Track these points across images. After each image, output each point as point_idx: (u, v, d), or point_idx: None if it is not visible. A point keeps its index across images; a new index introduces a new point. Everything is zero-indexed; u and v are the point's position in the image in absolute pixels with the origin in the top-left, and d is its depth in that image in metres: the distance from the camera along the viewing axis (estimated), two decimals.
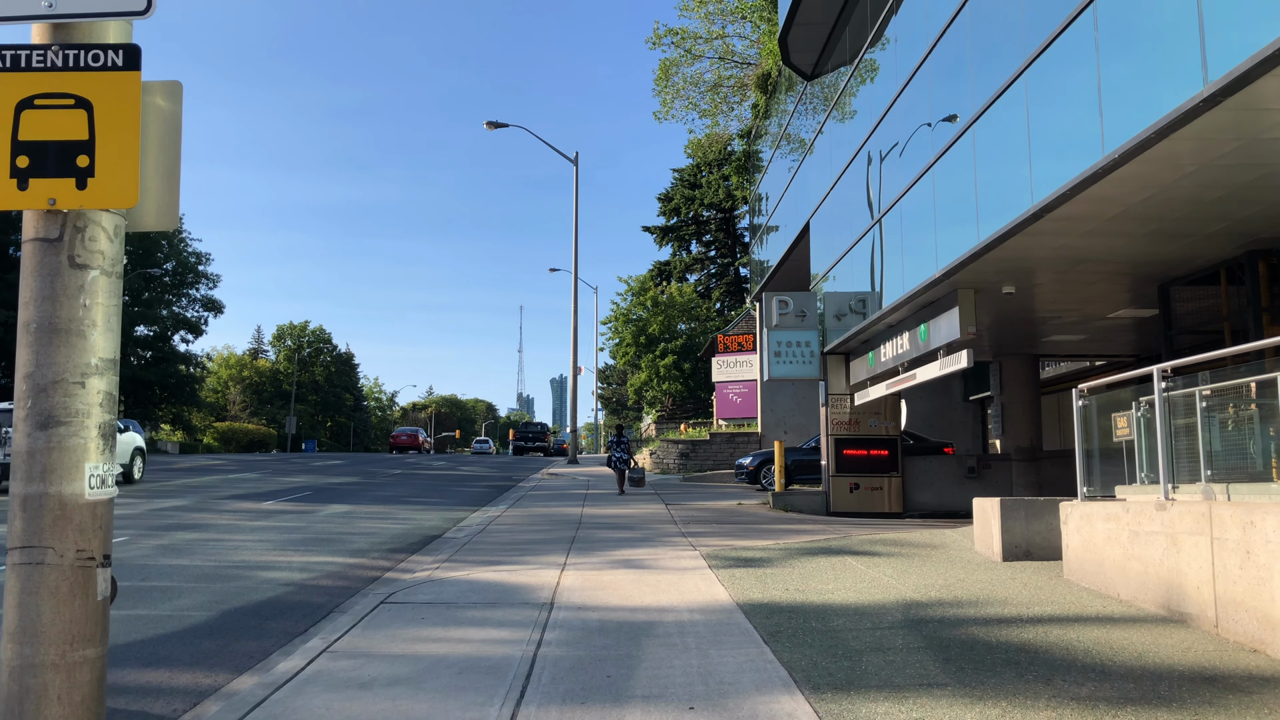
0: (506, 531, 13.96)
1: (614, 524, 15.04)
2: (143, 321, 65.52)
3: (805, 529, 14.35)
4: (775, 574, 9.60)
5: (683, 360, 40.95)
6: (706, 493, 22.10)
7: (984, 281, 12.25)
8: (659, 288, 43.74)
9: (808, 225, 19.89)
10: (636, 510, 17.51)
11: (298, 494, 20.21)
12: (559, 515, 16.49)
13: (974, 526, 11.12)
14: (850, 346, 17.84)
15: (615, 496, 21.20)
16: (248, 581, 9.75)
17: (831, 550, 11.30)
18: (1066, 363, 21.73)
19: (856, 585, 8.94)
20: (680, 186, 46.87)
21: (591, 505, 18.65)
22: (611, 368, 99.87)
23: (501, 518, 15.96)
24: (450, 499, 20.29)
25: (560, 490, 23.21)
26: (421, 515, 16.57)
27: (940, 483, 18.45)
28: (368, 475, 27.49)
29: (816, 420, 27.23)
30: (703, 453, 27.68)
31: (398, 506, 18.15)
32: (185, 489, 20.88)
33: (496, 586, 9.00)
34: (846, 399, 18.32)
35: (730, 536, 13.25)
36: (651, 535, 13.42)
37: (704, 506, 18.27)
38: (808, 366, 18.32)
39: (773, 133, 25.87)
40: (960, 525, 14.45)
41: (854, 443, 18.18)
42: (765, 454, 22.94)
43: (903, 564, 10.19)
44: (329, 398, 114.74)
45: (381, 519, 15.84)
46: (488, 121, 34.41)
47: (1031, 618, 7.34)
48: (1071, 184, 8.43)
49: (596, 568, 10.21)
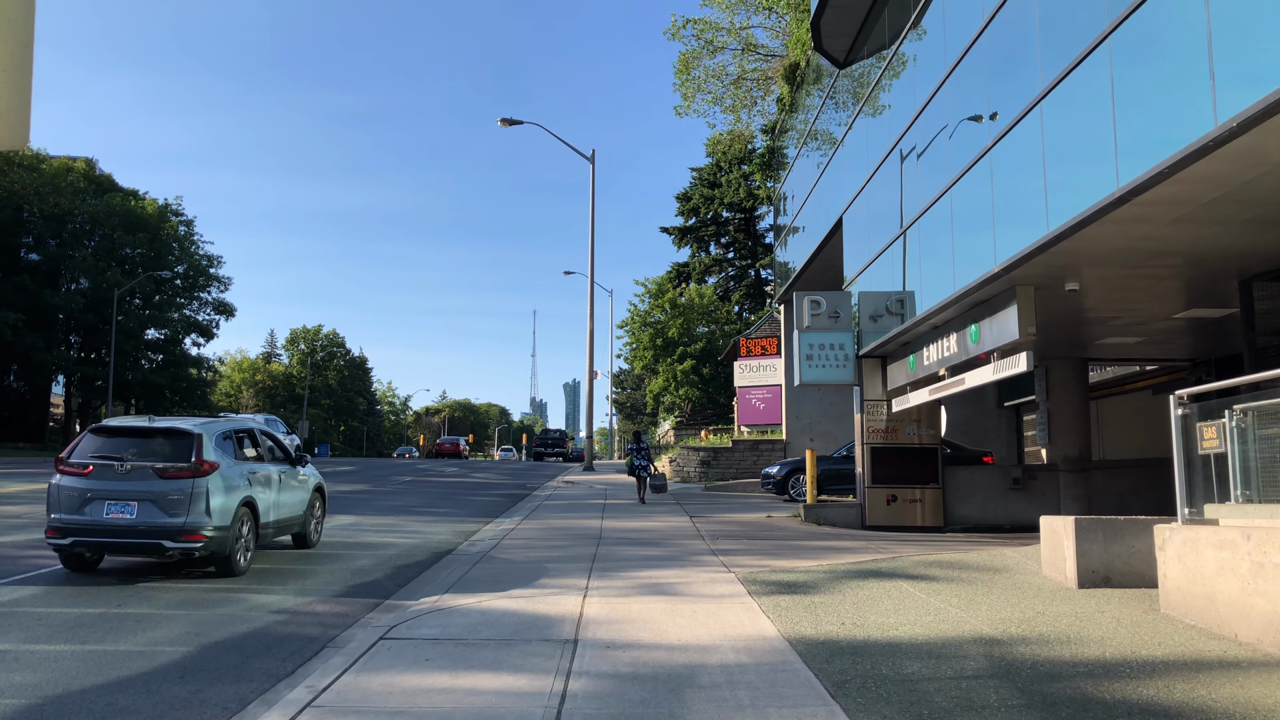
0: (521, 548, 12.93)
1: (637, 539, 13.99)
2: (153, 324, 64.86)
3: (845, 546, 13.26)
4: (825, 603, 8.52)
5: (702, 364, 39.74)
6: (731, 504, 21.01)
7: (1047, 278, 11.15)
8: (677, 290, 42.53)
9: (840, 221, 18.81)
10: (659, 524, 16.46)
11: None
12: (577, 529, 15.45)
13: (1041, 547, 10.01)
14: (888, 349, 16.74)
15: (635, 507, 20.14)
16: (234, 608, 8.74)
17: (882, 573, 10.21)
18: (1112, 367, 20.57)
19: (921, 618, 7.84)
20: (699, 186, 45.61)
21: (611, 517, 17.61)
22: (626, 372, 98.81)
23: (516, 531, 14.93)
24: (462, 509, 19.28)
25: (577, 500, 22.17)
26: (431, 528, 15.57)
27: (982, 495, 17.31)
28: (377, 482, 26.52)
29: (844, 427, 26.11)
30: (725, 461, 26.59)
31: (406, 517, 17.15)
32: None
33: (512, 618, 7.96)
34: (883, 405, 17.21)
35: (765, 555, 12.17)
36: (679, 553, 12.35)
37: (731, 520, 17.20)
38: (841, 370, 17.22)
39: (799, 129, 24.81)
40: (1015, 543, 13.33)
41: (891, 452, 17.07)
42: (793, 463, 21.86)
43: (966, 591, 9.09)
44: (342, 402, 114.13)
45: (388, 532, 14.83)
46: (502, 119, 33.48)
47: (1142, 665, 6.24)
48: (1170, 161, 7.33)
49: (622, 593, 9.16)
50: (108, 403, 57.02)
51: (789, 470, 21.60)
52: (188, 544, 9.86)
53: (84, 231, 62.12)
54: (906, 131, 14.55)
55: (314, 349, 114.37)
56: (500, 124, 33.47)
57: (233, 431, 11.23)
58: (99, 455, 10.22)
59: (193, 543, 9.89)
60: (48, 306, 56.65)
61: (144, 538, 9.86)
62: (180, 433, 10.39)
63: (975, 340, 12.90)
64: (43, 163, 59.32)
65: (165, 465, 10.08)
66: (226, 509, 10.25)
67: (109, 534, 9.90)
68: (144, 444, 10.37)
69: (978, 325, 12.79)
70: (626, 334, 42.85)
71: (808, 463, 17.58)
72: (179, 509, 9.91)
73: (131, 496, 9.94)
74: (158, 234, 64.07)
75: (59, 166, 61.04)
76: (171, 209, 68.45)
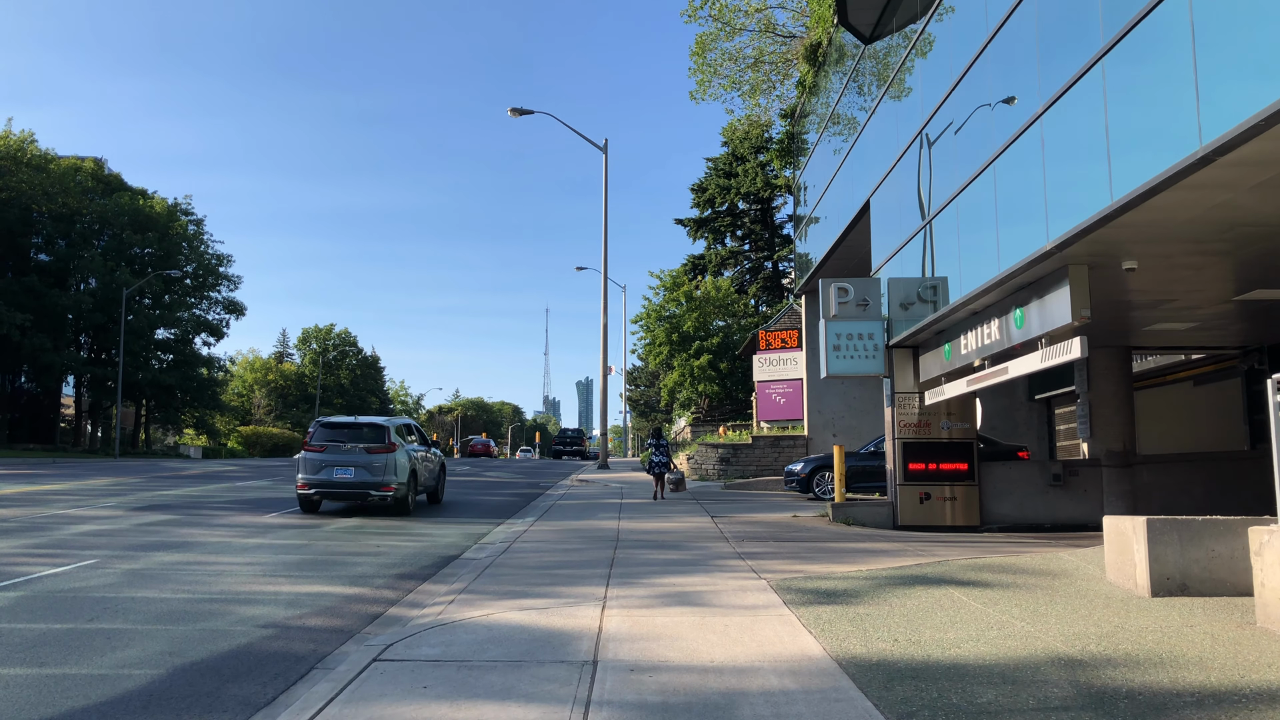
0: (534, 551, 12.10)
1: (657, 542, 13.13)
2: (163, 324, 64.40)
3: (880, 549, 12.36)
4: (872, 615, 7.64)
5: (719, 359, 38.65)
6: (753, 503, 20.12)
7: (1104, 256, 10.23)
8: (693, 282, 41.39)
9: (867, 205, 17.91)
10: (680, 524, 15.59)
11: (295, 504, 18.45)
12: (594, 530, 14.61)
13: (1106, 550, 9.09)
14: (920, 339, 15.82)
15: (653, 506, 19.29)
16: (220, 621, 7.93)
17: (929, 580, 9.31)
18: (1153, 357, 19.58)
19: (983, 632, 6.96)
20: (715, 176, 44.42)
21: (629, 517, 16.76)
22: (640, 369, 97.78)
23: (528, 534, 14.10)
24: (472, 510, 18.47)
25: (592, 500, 21.33)
26: (439, 530, 14.75)
27: (1020, 492, 16.36)
28: None
29: (868, 421, 25.20)
30: (745, 457, 25.68)
31: (413, 519, 16.34)
32: (185, 500, 19.22)
33: (522, 633, 7.11)
34: (915, 398, 16.29)
35: (796, 559, 11.30)
36: (702, 557, 11.49)
37: (755, 520, 16.32)
38: (870, 361, 16.31)
39: (819, 113, 23.90)
40: (1065, 545, 12.41)
41: (924, 447, 16.15)
42: (818, 459, 20.95)
43: (1027, 600, 8.19)
44: (354, 400, 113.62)
45: (394, 534, 14.03)
46: (512, 108, 32.65)
47: (1259, 693, 5.34)
48: (1271, 110, 6.42)
49: (645, 604, 8.31)
50: (117, 403, 56.55)
51: (814, 467, 20.69)
52: (384, 493, 16.05)
53: (93, 231, 61.71)
54: (941, 106, 13.63)
55: (326, 348, 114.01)
56: (510, 114, 32.63)
57: (402, 425, 17.45)
58: (328, 439, 16.28)
59: (387, 492, 16.04)
60: (56, 307, 56.21)
61: (359, 489, 16.07)
62: (377, 425, 16.66)
63: (1020, 326, 11.98)
64: (50, 162, 58.87)
65: (370, 445, 16.20)
66: (404, 471, 16.36)
67: (337, 487, 16.15)
68: (354, 431, 16.41)
69: (1023, 310, 11.88)
70: (641, 328, 41.85)
71: (835, 459, 16.68)
72: (380, 472, 16.03)
73: (350, 464, 16.11)
74: (166, 233, 63.59)
75: (67, 166, 60.65)
76: (181, 208, 68.03)
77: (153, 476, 26.77)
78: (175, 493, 20.89)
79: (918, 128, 14.73)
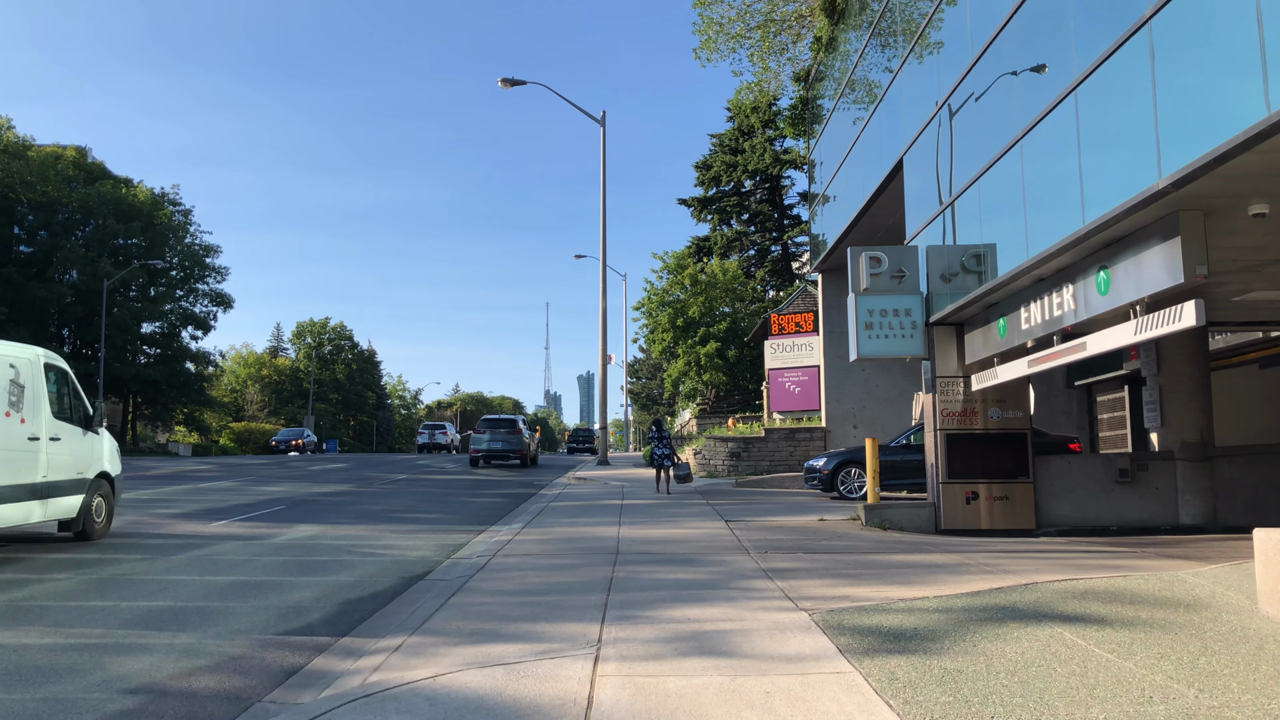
0: (515, 569, 9.98)
1: (664, 554, 11.01)
2: (148, 317, 62.23)
3: (935, 561, 10.24)
4: (967, 673, 5.50)
5: (726, 346, 36.31)
6: (770, 503, 17.98)
7: (1232, 195, 8.09)
8: (698, 265, 38.94)
9: (899, 165, 15.75)
10: (690, 530, 13.47)
11: (266, 509, 16.34)
12: (589, 540, 12.48)
13: (1259, 573, 6.96)
14: (966, 314, 13.67)
15: (658, 508, 17.18)
16: (73, 684, 5.80)
17: (1023, 613, 7.17)
18: (1224, 334, 17.39)
19: (1144, 709, 4.82)
20: (720, 153, 41.89)
21: (630, 522, 14.63)
22: (641, 362, 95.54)
23: (512, 545, 11.98)
24: (454, 513, 16.35)
25: (590, 500, 19.20)
26: (409, 540, 12.63)
27: (1081, 490, 14.23)
28: (364, 482, 23.61)
29: (892, 412, 23.06)
30: (757, 452, 23.54)
31: (384, 526, 14.23)
32: (133, 503, 17.10)
33: (479, 712, 4.97)
34: (959, 383, 14.16)
35: (838, 577, 9.17)
36: (721, 576, 9.36)
37: (777, 524, 14.19)
38: (907, 341, 14.17)
39: (837, 76, 21.74)
40: (1162, 555, 10.30)
41: (971, 439, 14.02)
42: (844, 454, 18.80)
43: (1174, 648, 6.05)
44: (350, 396, 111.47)
45: (353, 548, 11.91)
46: (503, 79, 30.44)
47: None
48: None
49: (653, 652, 6.18)
50: (99, 397, 54.36)
51: (838, 463, 18.55)
52: (519, 458, 32.10)
53: (75, 222, 59.55)
54: (1001, 30, 11.46)
55: (321, 342, 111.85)
56: (501, 84, 30.43)
57: (521, 418, 34.19)
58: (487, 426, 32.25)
59: (520, 458, 32.05)
60: (36, 299, 54.04)
61: (506, 455, 31.65)
62: (513, 420, 33.23)
63: (1105, 291, 9.84)
64: (29, 149, 56.70)
65: (510, 430, 32.01)
66: (530, 446, 33.23)
67: (494, 454, 31.43)
68: (500, 420, 33.06)
69: (1108, 271, 9.74)
70: (643, 315, 39.38)
71: (868, 454, 14.53)
72: (518, 445, 31.61)
73: (500, 440, 31.57)
74: (151, 223, 61.39)
75: (47, 154, 58.46)
76: (169, 198, 65.85)
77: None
78: (127, 496, 18.76)
79: (967, 64, 12.55)
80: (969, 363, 13.96)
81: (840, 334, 23.55)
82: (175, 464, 34.31)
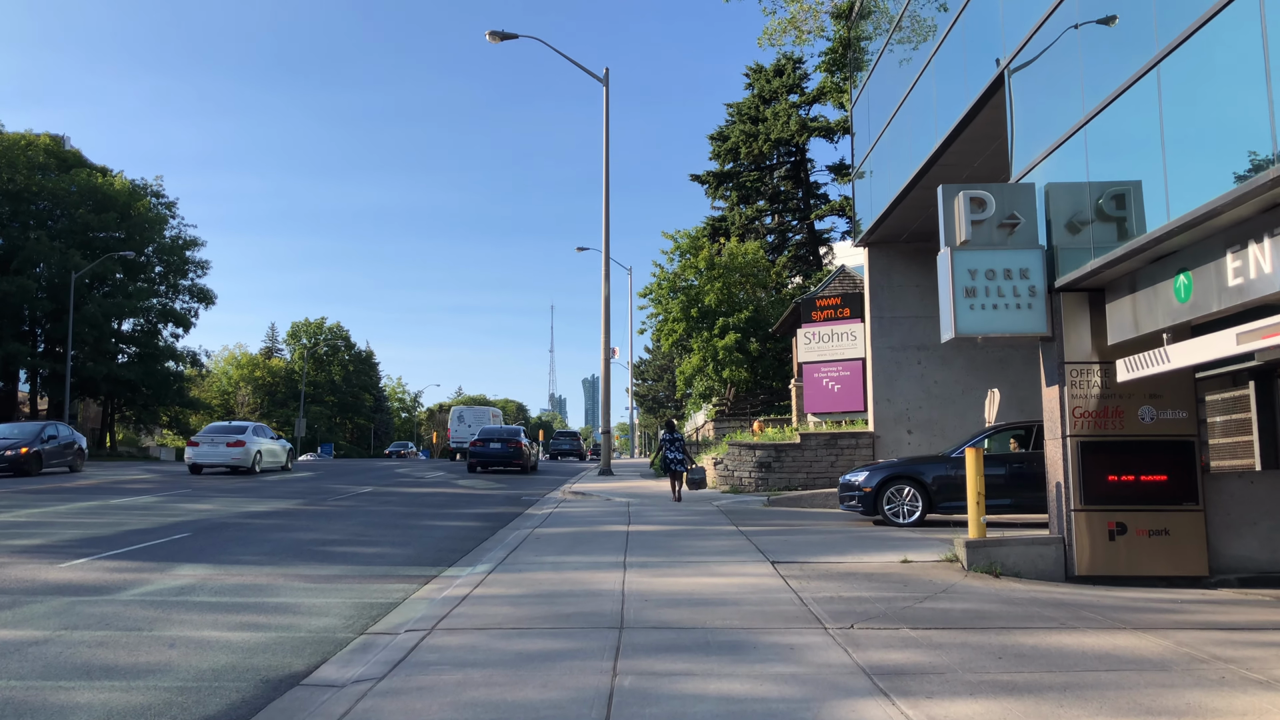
0: (454, 668, 6.08)
1: (694, 631, 7.09)
2: (126, 314, 58.34)
3: (1130, 651, 6.32)
4: None
5: (746, 339, 32.03)
6: (822, 531, 14.00)
7: None
8: (714, 245, 34.44)
9: (999, 81, 11.83)
10: (725, 578, 9.54)
11: (160, 538, 12.44)
12: (580, 595, 8.57)
13: None
14: (1112, 274, 9.72)
15: (676, 536, 13.27)
16: None
17: None
18: None
19: None
20: (739, 121, 37.39)
21: (641, 562, 10.70)
22: (647, 363, 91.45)
23: (466, 606, 8.07)
24: (406, 545, 12.43)
25: (588, 524, 15.27)
26: (318, 597, 8.72)
27: (1271, 521, 10.27)
28: (317, 497, 19.65)
29: (954, 414, 19.10)
30: (791, 462, 19.55)
31: (299, 568, 10.31)
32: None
33: None
34: (1095, 371, 10.22)
35: (998, 692, 5.24)
36: (798, 688, 5.44)
37: (844, 568, 10.25)
38: (1024, 313, 10.26)
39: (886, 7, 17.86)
40: None
41: (1116, 449, 10.08)
42: (892, 467, 14.80)
43: None
44: (347, 398, 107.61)
45: (225, 612, 8.00)
46: (491, 32, 26.50)
47: None
48: None
49: None
50: (66, 400, 50.55)
51: (885, 477, 14.58)
52: (520, 466, 30.90)
53: (47, 212, 55.85)
54: None
55: (316, 343, 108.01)
56: (490, 38, 26.51)
57: (523, 428, 36.15)
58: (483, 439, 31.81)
59: (521, 466, 31.00)
60: (3, 294, 50.24)
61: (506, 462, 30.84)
62: (516, 431, 33.06)
63: None
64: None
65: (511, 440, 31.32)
66: (534, 455, 33.49)
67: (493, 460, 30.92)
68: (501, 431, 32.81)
69: None
70: (651, 303, 34.98)
71: (969, 468, 10.53)
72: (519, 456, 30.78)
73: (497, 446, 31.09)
74: (127, 214, 57.57)
75: (13, 140, 54.72)
76: (152, 189, 62.08)
77: (29, 491, 20.77)
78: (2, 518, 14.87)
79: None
80: (1113, 342, 10.00)
81: (891, 320, 19.61)
82: (123, 472, 30.51)
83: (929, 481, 14.44)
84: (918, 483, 14.41)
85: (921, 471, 14.53)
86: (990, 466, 14.32)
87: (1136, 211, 9.03)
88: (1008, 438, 14.72)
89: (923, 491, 14.38)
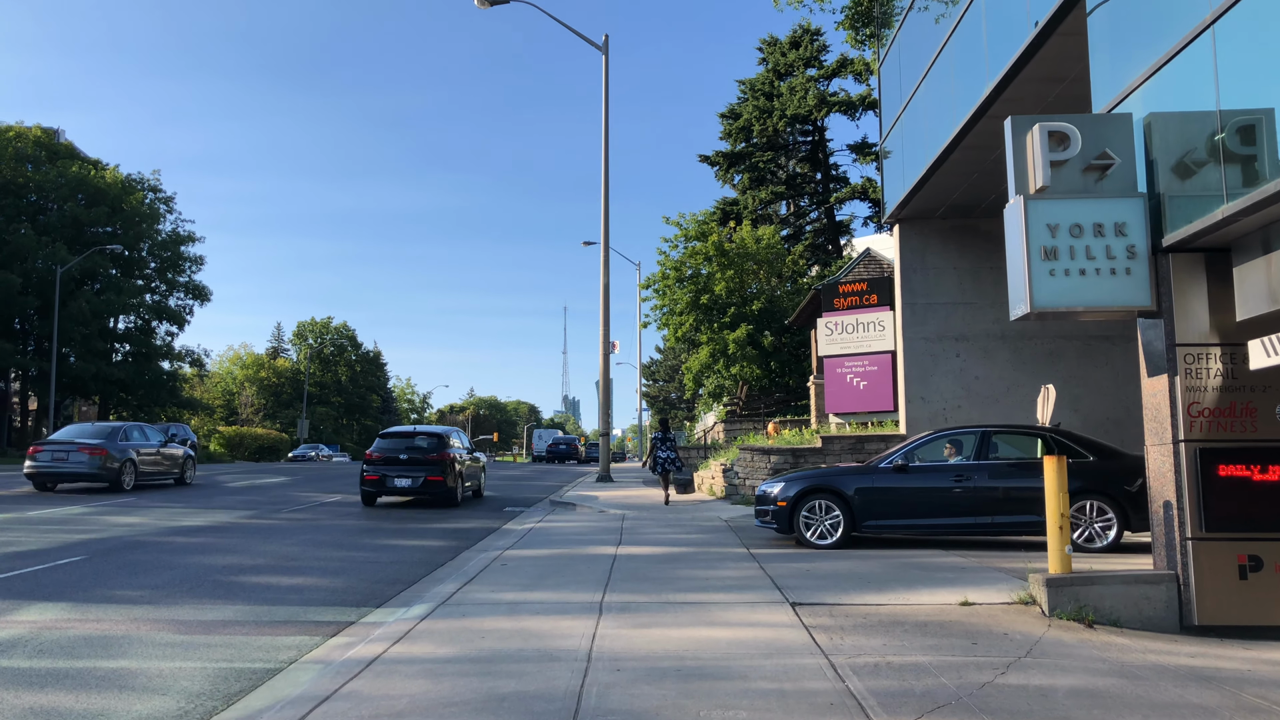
0: None
1: None
2: (118, 311, 56.39)
3: None
4: None
5: (760, 332, 29.43)
6: (851, 556, 11.59)
7: None
8: (724, 230, 31.82)
9: (1067, 6, 9.42)
10: (731, 631, 7.19)
11: (32, 565, 10.19)
12: (529, 659, 6.27)
13: None
14: (1239, 230, 7.32)
15: (672, 562, 10.94)
16: None
17: None
18: None
19: None
20: (752, 98, 34.81)
21: (623, 604, 8.36)
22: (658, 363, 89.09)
23: (356, 688, 5.77)
24: (340, 574, 10.12)
25: (568, 547, 12.92)
26: (171, 663, 6.42)
27: None
28: (272, 508, 17.36)
29: (998, 413, 16.64)
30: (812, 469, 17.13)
31: (180, 611, 8.02)
32: None
33: None
34: (1215, 357, 7.82)
35: None
36: None
37: (884, 611, 7.89)
38: (1120, 280, 7.88)
39: None
40: None
41: (1248, 458, 7.67)
42: (808, 477, 12.27)
43: None
44: (354, 399, 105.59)
45: (28, 690, 5.71)
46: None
47: None
48: None
49: None
50: (50, 399, 48.60)
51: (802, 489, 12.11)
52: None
53: (36, 206, 54.03)
54: None
55: (322, 343, 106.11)
56: (478, 3, 24.30)
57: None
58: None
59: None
60: None
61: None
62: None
63: None
64: None
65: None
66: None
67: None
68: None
69: None
70: (654, 294, 32.43)
71: (1047, 477, 8.11)
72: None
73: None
74: (118, 207, 55.64)
75: (2, 130, 52.92)
76: (149, 184, 60.19)
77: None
78: None
79: None
80: (1243, 318, 7.60)
81: (926, 306, 17.19)
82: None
83: (850, 494, 11.86)
84: (839, 496, 11.94)
85: (842, 483, 12.04)
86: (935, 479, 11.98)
87: (1272, 147, 6.69)
88: (942, 445, 12.25)
89: (845, 507, 11.90)
